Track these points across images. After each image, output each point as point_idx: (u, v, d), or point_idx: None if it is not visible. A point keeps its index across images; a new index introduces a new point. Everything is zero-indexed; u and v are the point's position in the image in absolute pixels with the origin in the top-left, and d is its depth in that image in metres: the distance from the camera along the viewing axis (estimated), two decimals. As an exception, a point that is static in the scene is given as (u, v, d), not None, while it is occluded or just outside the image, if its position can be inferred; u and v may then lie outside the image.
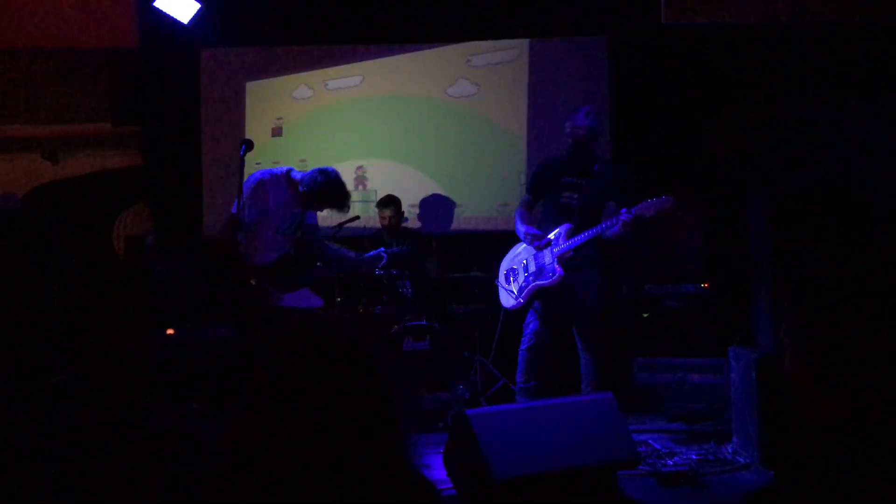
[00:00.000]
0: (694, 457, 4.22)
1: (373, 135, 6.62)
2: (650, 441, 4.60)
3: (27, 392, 4.20)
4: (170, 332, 5.52)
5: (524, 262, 4.79)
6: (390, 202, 6.08)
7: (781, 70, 6.15)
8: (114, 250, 6.55)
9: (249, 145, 4.37)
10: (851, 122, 5.78)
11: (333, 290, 5.49)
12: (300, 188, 4.50)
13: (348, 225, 5.58)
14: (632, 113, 6.39)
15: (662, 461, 4.11)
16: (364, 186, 6.60)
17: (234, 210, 4.39)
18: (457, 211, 6.48)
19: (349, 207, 4.63)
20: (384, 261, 4.83)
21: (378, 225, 6.18)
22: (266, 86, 6.67)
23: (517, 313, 4.93)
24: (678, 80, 6.35)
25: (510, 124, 6.52)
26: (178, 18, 5.93)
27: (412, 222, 6.47)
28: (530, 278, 4.71)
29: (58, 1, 6.05)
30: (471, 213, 6.46)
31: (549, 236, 4.68)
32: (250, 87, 6.66)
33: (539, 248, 4.69)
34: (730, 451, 4.34)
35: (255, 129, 6.50)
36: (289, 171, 4.57)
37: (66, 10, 5.96)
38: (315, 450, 1.32)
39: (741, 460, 4.16)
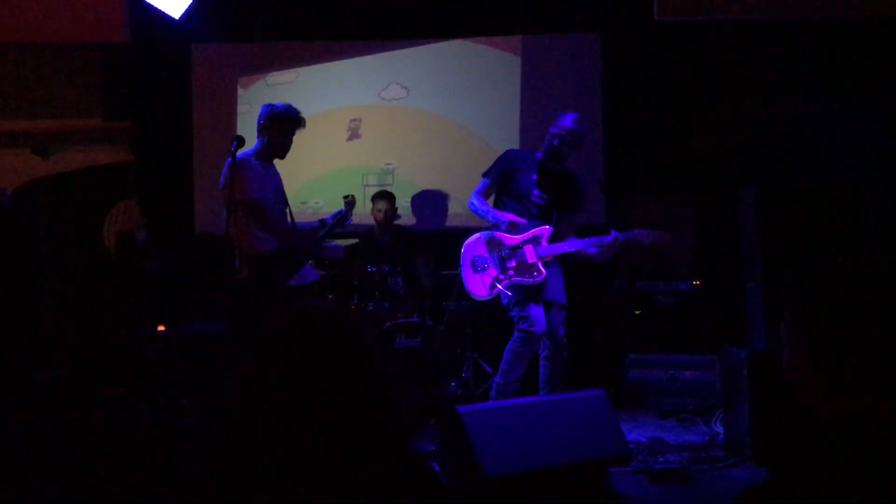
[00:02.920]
0: (685, 454, 4.22)
1: (366, 125, 6.61)
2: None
3: (16, 388, 4.18)
4: (161, 328, 5.50)
5: (500, 253, 4.62)
6: (385, 196, 6.07)
7: (774, 67, 6.16)
8: (104, 246, 6.52)
9: (241, 141, 4.35)
10: (843, 119, 5.79)
11: (325, 288, 5.48)
12: (261, 143, 4.48)
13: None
14: (624, 109, 6.40)
15: (654, 458, 4.11)
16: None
17: (258, 196, 4.32)
18: (450, 207, 6.49)
19: (303, 119, 4.54)
20: (349, 218, 4.75)
21: (370, 220, 6.17)
22: (258, 83, 6.64)
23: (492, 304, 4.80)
24: (671, 76, 6.35)
25: (504, 120, 6.51)
26: (170, 13, 5.89)
27: (407, 219, 6.46)
28: (511, 273, 4.57)
29: (48, -5, 6.01)
30: (463, 209, 6.45)
31: (528, 234, 4.59)
32: (241, 82, 6.64)
33: (515, 245, 4.59)
34: (721, 448, 4.35)
35: (246, 124, 6.48)
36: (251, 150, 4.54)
37: (56, 4, 5.91)
38: (313, 439, 1.31)
39: (733, 457, 4.16)
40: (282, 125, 4.46)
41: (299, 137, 4.63)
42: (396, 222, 6.18)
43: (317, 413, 1.31)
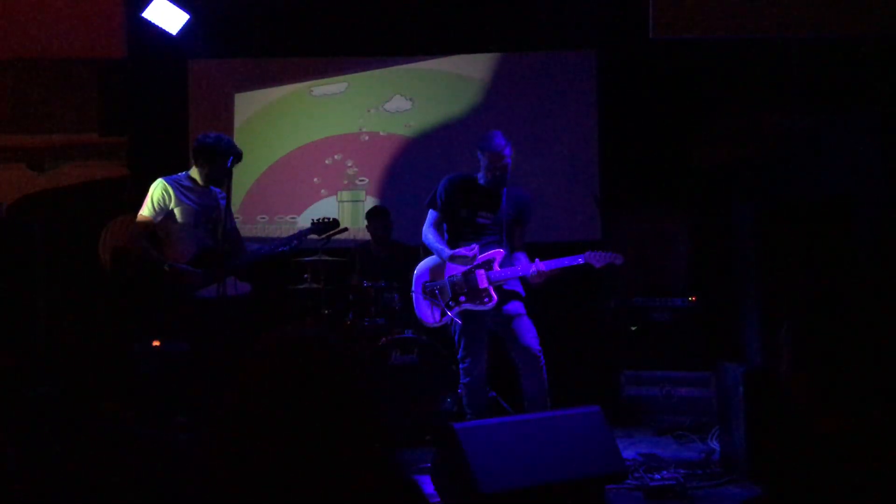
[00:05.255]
0: (682, 470, 4.21)
1: (365, 136, 6.65)
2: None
3: (10, 404, 4.15)
4: (155, 343, 5.48)
5: (453, 279, 4.50)
6: (380, 213, 6.07)
7: (767, 83, 6.20)
8: (100, 261, 6.51)
9: (238, 157, 4.36)
10: (836, 135, 5.82)
11: (321, 303, 5.47)
12: (199, 169, 4.53)
13: (336, 237, 5.58)
14: (620, 125, 6.42)
15: (650, 475, 4.10)
16: (354, 186, 6.61)
17: (141, 213, 4.46)
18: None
19: (240, 152, 4.51)
20: (295, 239, 4.71)
21: (366, 237, 6.17)
22: (254, 97, 6.66)
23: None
24: (666, 93, 6.38)
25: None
26: (167, 29, 5.92)
27: (406, 232, 6.46)
28: (462, 298, 4.46)
29: (46, 11, 6.03)
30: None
31: (480, 258, 4.48)
32: (239, 98, 6.66)
33: (468, 270, 4.48)
34: (718, 464, 4.34)
35: (243, 140, 6.49)
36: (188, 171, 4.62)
37: (54, 20, 5.94)
38: (301, 462, 1.31)
39: (729, 474, 4.15)
40: (212, 157, 4.46)
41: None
42: (393, 238, 6.18)
43: (303, 433, 1.31)
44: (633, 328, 5.88)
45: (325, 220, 5.01)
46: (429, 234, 4.63)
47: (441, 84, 6.63)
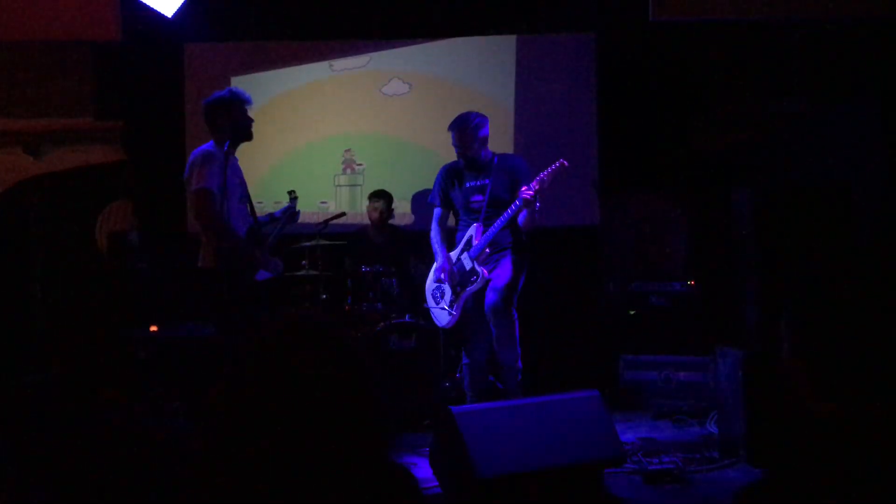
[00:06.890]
0: (680, 454, 4.21)
1: (363, 122, 6.60)
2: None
3: (6, 389, 4.15)
4: (153, 328, 5.48)
5: (447, 275, 4.69)
6: (382, 195, 6.05)
7: (768, 68, 6.16)
8: (96, 246, 6.49)
9: (235, 140, 4.31)
10: (836, 120, 5.79)
11: (318, 288, 5.45)
12: (220, 134, 4.26)
13: (333, 221, 5.56)
14: (619, 109, 6.39)
15: (649, 459, 4.10)
16: (352, 170, 6.58)
17: (208, 186, 4.11)
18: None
19: (249, 98, 4.30)
20: (293, 207, 4.59)
21: (364, 220, 6.15)
22: (250, 81, 6.61)
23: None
24: (665, 76, 6.35)
25: (498, 121, 6.49)
26: (162, 12, 5.86)
27: (406, 217, 6.45)
28: (458, 289, 4.64)
29: (39, -7, 5.96)
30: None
31: (460, 245, 4.70)
32: (235, 82, 6.61)
33: (456, 260, 4.69)
34: (716, 448, 4.34)
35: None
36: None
37: (47, 2, 5.87)
38: (296, 448, 1.30)
39: (727, 458, 4.15)
40: (228, 107, 4.25)
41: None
42: (390, 222, 6.16)
43: (299, 419, 1.30)
44: (632, 313, 5.88)
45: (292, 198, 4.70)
46: (432, 234, 4.82)
47: (439, 67, 6.58)
